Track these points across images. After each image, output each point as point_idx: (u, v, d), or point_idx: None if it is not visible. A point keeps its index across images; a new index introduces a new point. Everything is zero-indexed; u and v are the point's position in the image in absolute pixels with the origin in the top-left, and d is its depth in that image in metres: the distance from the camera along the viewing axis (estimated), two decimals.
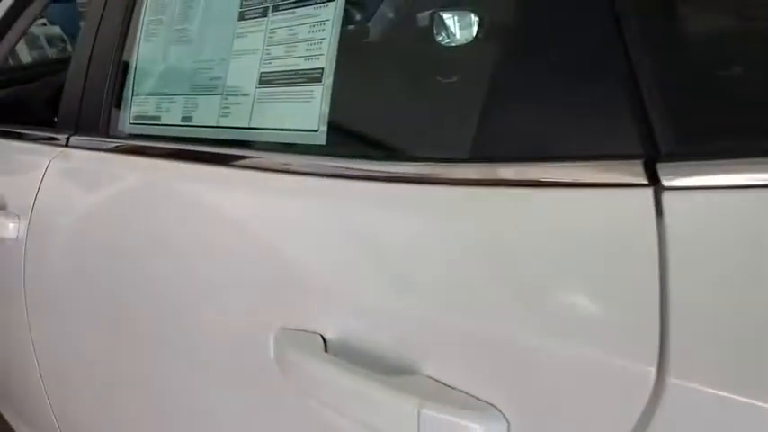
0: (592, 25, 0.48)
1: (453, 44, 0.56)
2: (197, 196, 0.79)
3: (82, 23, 1.17)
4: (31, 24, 1.55)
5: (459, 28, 0.56)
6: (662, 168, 0.43)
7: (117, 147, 0.97)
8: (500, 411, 0.45)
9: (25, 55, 3.41)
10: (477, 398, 0.46)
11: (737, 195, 0.41)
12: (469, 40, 0.55)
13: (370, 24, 0.70)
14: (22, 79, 1.85)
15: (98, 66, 1.03)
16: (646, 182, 0.43)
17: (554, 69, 0.50)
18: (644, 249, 0.41)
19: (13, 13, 1.47)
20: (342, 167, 0.63)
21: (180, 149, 0.84)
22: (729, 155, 0.42)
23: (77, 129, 1.06)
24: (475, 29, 0.55)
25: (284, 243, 0.65)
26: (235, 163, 0.75)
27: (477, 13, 0.55)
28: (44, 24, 3.44)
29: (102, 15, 1.03)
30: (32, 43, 3.49)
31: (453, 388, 0.48)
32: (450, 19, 0.56)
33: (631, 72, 0.46)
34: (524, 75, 0.52)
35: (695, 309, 0.39)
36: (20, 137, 1.25)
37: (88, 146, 1.03)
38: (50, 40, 3.39)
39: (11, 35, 1.52)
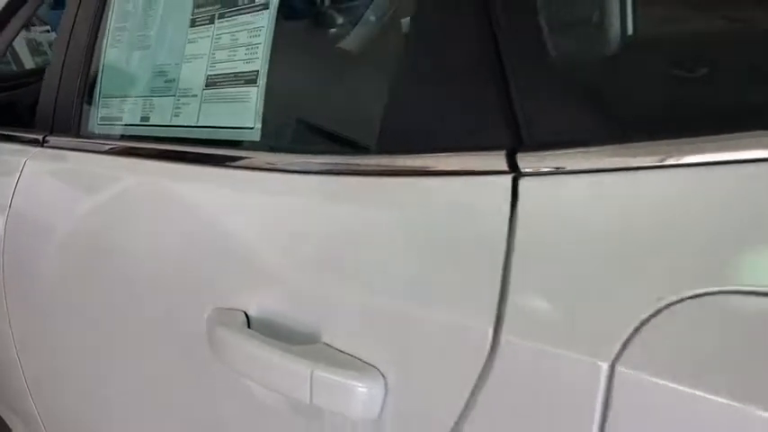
0: (471, 36, 0.54)
1: (357, 50, 0.63)
2: (147, 189, 0.85)
3: (57, 31, 1.23)
4: (22, 28, 1.62)
5: (357, 36, 0.62)
6: (521, 158, 0.49)
7: (85, 146, 1.04)
8: (379, 371, 0.51)
9: (29, 61, 3.50)
10: (362, 360, 0.52)
11: (584, 179, 0.46)
12: (369, 46, 0.62)
13: (301, 30, 0.76)
14: (15, 85, 1.93)
15: (70, 70, 1.09)
16: (507, 169, 0.49)
17: (439, 71, 0.56)
18: (498, 226, 0.47)
19: (4, 17, 1.54)
20: (272, 162, 0.69)
21: (137, 147, 0.90)
22: (581, 144, 0.47)
23: (52, 129, 1.13)
24: (372, 34, 0.61)
25: (218, 230, 0.71)
26: (182, 158, 0.81)
27: (376, 19, 0.61)
28: (47, 31, 3.53)
29: (74, 24, 1.09)
30: (35, 50, 3.58)
31: (344, 352, 0.54)
32: (352, 29, 0.62)
33: (502, 74, 0.52)
34: (414, 76, 0.58)
35: (532, 276, 0.45)
36: (4, 138, 1.32)
37: (61, 145, 1.09)
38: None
39: (2, 39, 1.59)
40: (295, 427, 0.58)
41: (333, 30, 0.72)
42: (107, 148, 0.98)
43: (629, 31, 0.56)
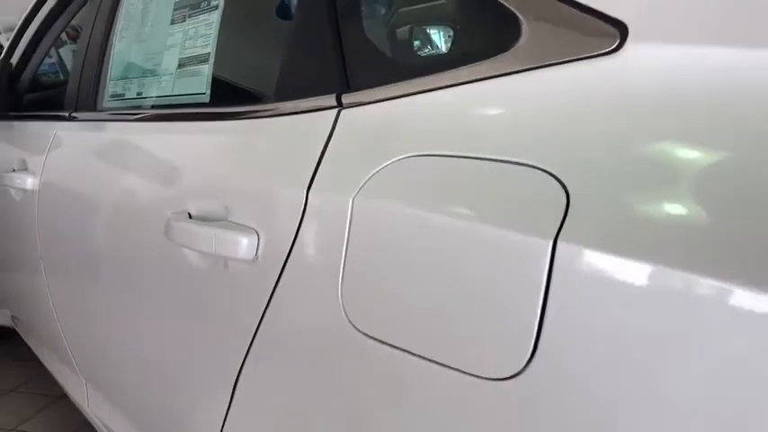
0: (320, 28, 0.84)
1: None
2: (134, 141, 1.17)
3: (80, 35, 1.58)
4: (58, 37, 1.98)
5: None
6: (345, 97, 0.79)
7: (99, 117, 1.37)
8: (255, 230, 0.81)
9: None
10: (246, 225, 0.82)
11: (380, 106, 0.75)
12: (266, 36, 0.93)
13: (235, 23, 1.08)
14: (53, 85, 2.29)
15: (90, 61, 1.43)
16: (335, 105, 0.79)
17: (297, 47, 0.87)
18: (320, 140, 0.76)
19: (42, 28, 1.90)
20: (210, 114, 1.00)
21: (132, 113, 1.23)
22: (379, 85, 0.76)
23: (76, 107, 1.47)
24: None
25: (177, 161, 1.03)
26: (160, 118, 1.14)
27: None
28: None
29: (92, 28, 1.43)
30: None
31: (236, 223, 0.84)
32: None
33: (337, 36, 0.81)
34: (285, 49, 0.88)
35: (330, 189, 0.74)
36: (40, 118, 1.67)
37: (82, 118, 1.43)
38: None
39: (41, 48, 1.95)
40: (209, 270, 0.89)
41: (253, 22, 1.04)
42: (112, 116, 1.31)
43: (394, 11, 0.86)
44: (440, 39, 0.73)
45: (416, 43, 0.75)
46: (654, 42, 0.55)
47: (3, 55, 2.05)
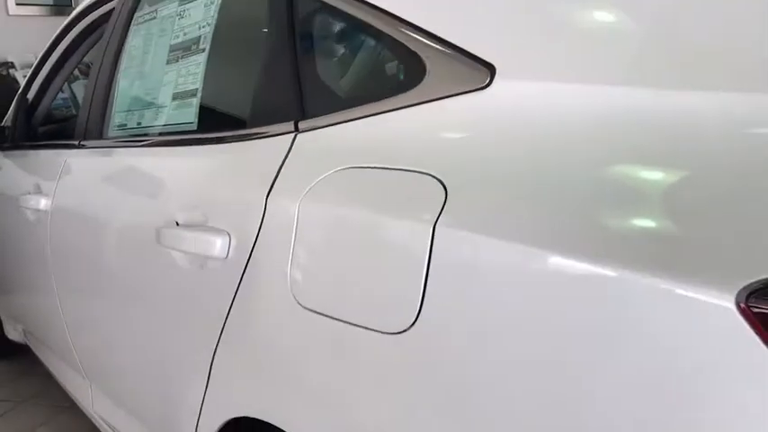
0: (284, 65, 1.03)
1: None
2: (134, 165, 1.36)
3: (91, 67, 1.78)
4: (70, 74, 2.18)
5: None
6: (301, 123, 0.97)
7: (105, 144, 1.56)
8: (227, 233, 0.99)
9: None
10: (220, 228, 1.00)
11: (328, 130, 0.93)
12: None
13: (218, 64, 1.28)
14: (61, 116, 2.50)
15: (98, 95, 1.63)
16: (293, 130, 0.97)
17: (266, 83, 1.06)
18: (278, 158, 0.95)
19: (56, 66, 2.11)
20: (196, 141, 1.19)
21: (132, 141, 1.42)
22: (328, 113, 0.95)
23: (85, 136, 1.66)
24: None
25: (167, 179, 1.21)
26: (157, 144, 1.32)
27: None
28: None
29: (100, 64, 1.63)
30: None
31: (213, 227, 1.02)
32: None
33: (296, 76, 1.00)
34: (256, 84, 1.07)
35: (283, 196, 0.91)
36: (53, 147, 1.87)
37: (91, 146, 1.62)
38: None
39: (54, 84, 2.16)
40: (189, 267, 1.06)
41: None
42: (116, 143, 1.51)
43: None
44: (370, 77, 0.91)
45: (354, 80, 0.93)
46: (514, 80, 0.73)
47: (20, 91, 2.26)
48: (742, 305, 0.49)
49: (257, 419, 0.93)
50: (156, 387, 1.27)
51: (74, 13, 1.93)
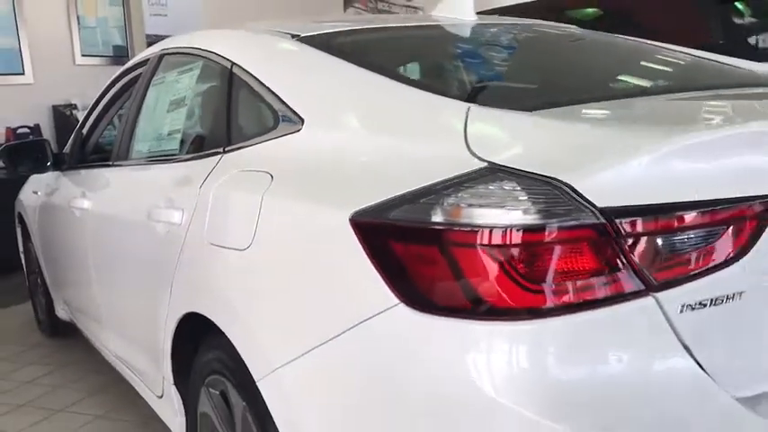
0: (221, 104, 1.78)
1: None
2: (142, 176, 2.13)
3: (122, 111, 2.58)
4: (112, 117, 2.99)
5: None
6: (228, 151, 1.71)
7: (128, 164, 2.34)
8: (182, 210, 1.72)
9: None
10: (179, 207, 1.74)
11: (238, 153, 1.67)
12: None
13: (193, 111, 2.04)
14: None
15: (126, 131, 2.41)
16: (221, 152, 1.71)
17: (206, 121, 1.81)
18: (208, 169, 1.69)
19: (103, 110, 2.92)
20: (177, 158, 1.95)
21: (144, 161, 2.20)
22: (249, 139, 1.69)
23: (117, 158, 2.44)
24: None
25: (158, 182, 1.97)
26: (157, 162, 2.09)
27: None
28: None
29: (129, 109, 2.42)
30: None
31: (176, 207, 1.76)
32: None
33: (227, 118, 1.75)
34: (200, 124, 1.83)
35: (203, 187, 1.65)
36: (97, 167, 2.66)
37: (118, 165, 2.40)
38: None
39: (101, 123, 2.97)
40: (162, 231, 1.79)
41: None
42: (135, 162, 2.28)
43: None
44: (260, 123, 1.64)
45: (251, 124, 1.67)
46: (316, 127, 1.45)
47: (77, 127, 3.08)
48: (353, 220, 1.18)
49: (198, 314, 1.63)
50: (144, 312, 1.99)
51: (113, 76, 2.75)
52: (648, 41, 2.05)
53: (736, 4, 3.95)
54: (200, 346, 1.65)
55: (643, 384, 1.01)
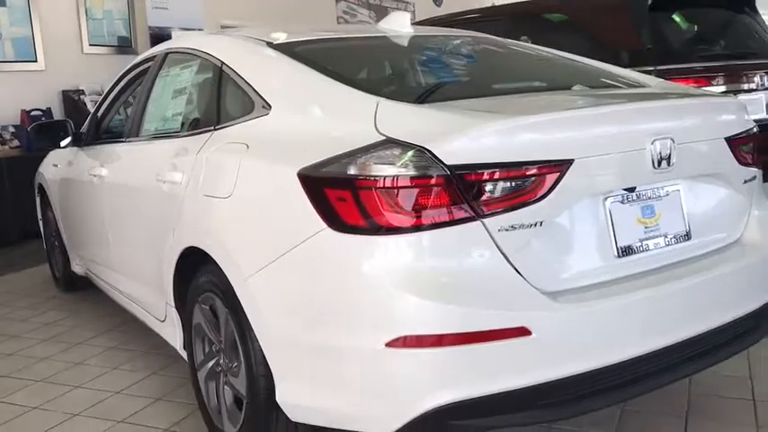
0: (212, 91, 2.35)
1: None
2: (150, 149, 2.72)
3: (132, 97, 3.15)
4: (123, 102, 3.56)
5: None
6: (217, 130, 2.29)
7: (138, 140, 2.91)
8: (182, 172, 2.31)
9: None
10: (180, 170, 2.32)
11: (226, 131, 2.25)
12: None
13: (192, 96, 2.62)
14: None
15: (137, 113, 2.98)
16: (213, 129, 2.29)
17: (196, 109, 2.39)
18: (203, 141, 2.27)
19: (116, 95, 3.49)
20: (178, 135, 2.53)
21: (152, 137, 2.78)
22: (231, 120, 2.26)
23: (129, 135, 3.01)
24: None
25: (162, 154, 2.55)
26: (162, 137, 2.68)
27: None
28: None
29: (140, 94, 3.00)
30: None
31: (177, 170, 2.34)
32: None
33: (217, 103, 2.33)
34: (196, 103, 2.41)
35: (199, 154, 2.24)
36: (111, 142, 3.23)
37: (131, 140, 2.97)
38: None
39: (113, 108, 3.53)
40: (166, 189, 2.37)
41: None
42: (144, 138, 2.86)
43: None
44: (241, 107, 2.22)
45: (233, 109, 2.25)
46: (280, 112, 2.03)
47: (93, 111, 3.65)
48: (299, 174, 1.75)
49: (194, 250, 2.19)
50: (152, 253, 2.57)
51: (125, 68, 3.32)
52: (538, 47, 2.65)
53: (674, 16, 4.51)
54: (194, 276, 2.24)
55: (477, 275, 1.60)
